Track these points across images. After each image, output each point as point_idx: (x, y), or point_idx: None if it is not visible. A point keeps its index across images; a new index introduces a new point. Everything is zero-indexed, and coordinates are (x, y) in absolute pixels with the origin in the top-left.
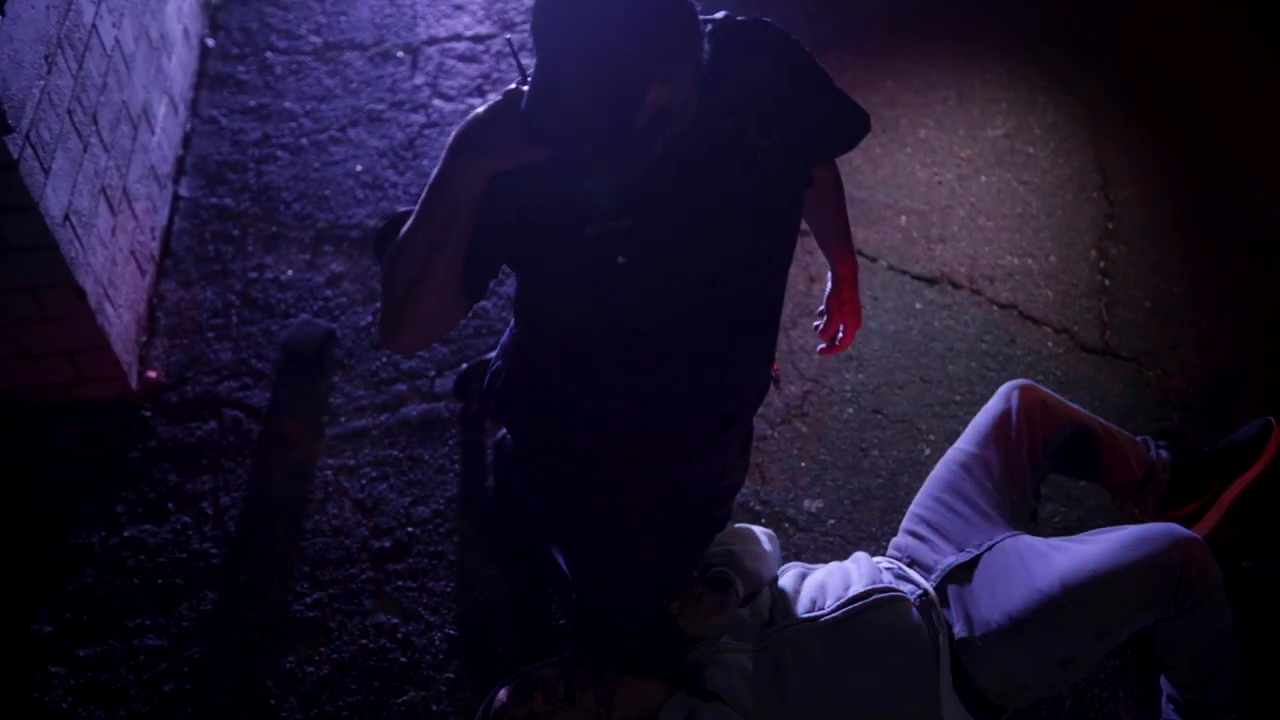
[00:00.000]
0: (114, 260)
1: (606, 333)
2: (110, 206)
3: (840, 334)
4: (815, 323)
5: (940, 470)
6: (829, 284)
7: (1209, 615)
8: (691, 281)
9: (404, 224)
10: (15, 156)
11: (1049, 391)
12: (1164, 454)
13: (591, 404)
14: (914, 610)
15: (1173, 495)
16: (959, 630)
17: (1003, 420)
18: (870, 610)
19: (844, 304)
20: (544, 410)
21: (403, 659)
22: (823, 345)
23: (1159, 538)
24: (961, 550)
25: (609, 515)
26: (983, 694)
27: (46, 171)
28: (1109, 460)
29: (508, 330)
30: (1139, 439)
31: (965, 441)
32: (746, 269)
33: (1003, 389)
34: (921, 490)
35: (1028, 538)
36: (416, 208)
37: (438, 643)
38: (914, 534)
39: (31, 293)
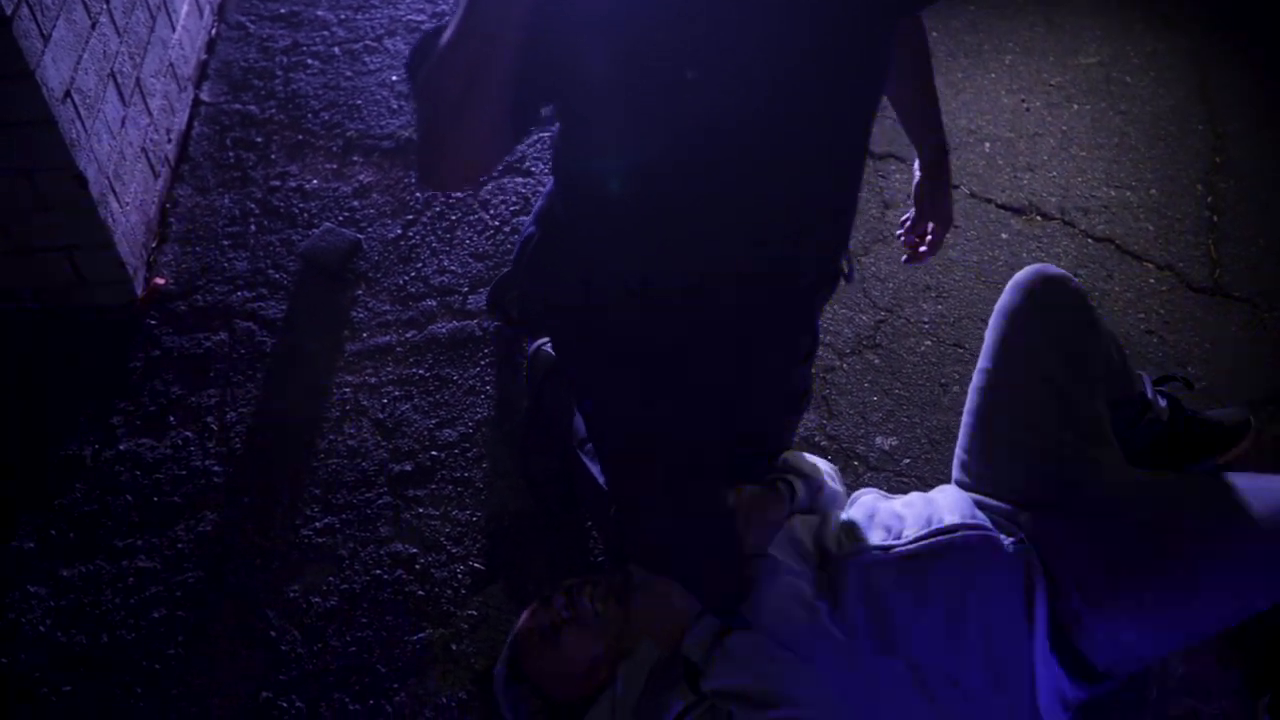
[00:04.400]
0: (122, 154)
1: (668, 172)
2: (121, 95)
3: (929, 235)
4: (902, 216)
5: (971, 399)
6: (915, 173)
7: None
8: (770, 100)
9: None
10: (9, 12)
11: (1080, 285)
12: (1162, 403)
13: (644, 267)
14: (1008, 557)
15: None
16: (1061, 594)
17: (1021, 321)
18: (956, 546)
19: (935, 193)
20: (586, 282)
21: (420, 593)
22: (907, 254)
23: None
24: (1028, 503)
25: (656, 415)
26: (1089, 662)
27: (45, 38)
28: None
29: (544, 195)
30: (1140, 373)
31: (985, 357)
32: (831, 83)
33: (1017, 279)
34: (962, 423)
35: (1114, 481)
36: (459, 11)
37: (460, 576)
38: (963, 485)
39: (28, 177)
